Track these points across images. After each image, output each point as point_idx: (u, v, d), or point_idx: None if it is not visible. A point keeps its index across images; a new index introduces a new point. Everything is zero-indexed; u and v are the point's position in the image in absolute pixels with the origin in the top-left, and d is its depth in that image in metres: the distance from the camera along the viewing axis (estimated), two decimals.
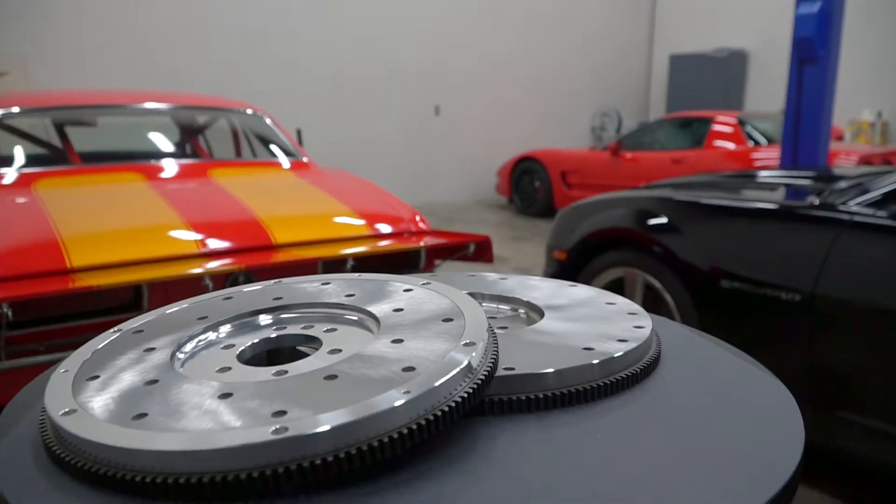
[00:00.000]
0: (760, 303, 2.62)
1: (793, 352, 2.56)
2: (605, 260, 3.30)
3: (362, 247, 2.75)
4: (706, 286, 2.82)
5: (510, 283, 0.93)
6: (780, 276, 2.57)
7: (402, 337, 0.62)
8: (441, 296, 0.71)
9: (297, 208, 3.01)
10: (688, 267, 2.89)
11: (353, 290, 0.75)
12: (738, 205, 2.97)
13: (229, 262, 2.45)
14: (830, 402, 2.46)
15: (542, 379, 0.63)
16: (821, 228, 2.55)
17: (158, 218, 2.69)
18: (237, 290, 0.79)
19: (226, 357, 0.65)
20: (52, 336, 2.31)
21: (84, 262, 2.34)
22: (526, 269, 6.08)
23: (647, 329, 0.74)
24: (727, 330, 2.78)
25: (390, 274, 0.95)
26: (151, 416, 0.52)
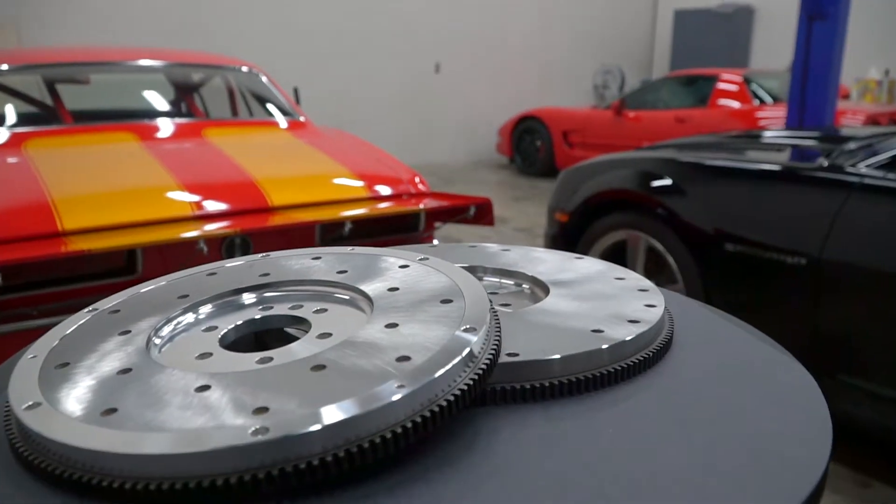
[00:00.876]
0: (765, 266, 2.57)
1: (796, 316, 2.52)
2: (607, 222, 3.25)
3: (361, 209, 2.70)
4: (710, 249, 2.77)
5: (513, 255, 0.88)
6: (785, 239, 2.52)
7: (397, 321, 0.57)
8: (439, 273, 0.66)
9: (294, 170, 2.94)
10: (692, 230, 2.84)
11: (345, 265, 0.71)
12: (744, 166, 2.91)
13: (225, 226, 2.40)
14: (833, 367, 2.43)
15: (548, 366, 0.58)
16: (829, 191, 2.49)
17: (152, 179, 2.62)
18: (221, 265, 0.74)
19: (207, 341, 0.60)
20: (45, 300, 2.27)
21: (76, 224, 2.29)
22: (526, 229, 6.03)
23: (659, 308, 0.69)
24: (731, 294, 2.74)
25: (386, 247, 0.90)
26: (122, 411, 0.48)
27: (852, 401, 2.38)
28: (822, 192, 2.51)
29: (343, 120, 7.67)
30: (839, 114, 6.07)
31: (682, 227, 2.88)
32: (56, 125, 3.23)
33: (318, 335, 0.59)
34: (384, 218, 2.81)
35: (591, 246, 3.29)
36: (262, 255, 0.76)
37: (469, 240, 5.52)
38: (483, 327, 0.55)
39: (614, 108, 8.14)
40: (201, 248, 2.25)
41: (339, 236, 2.67)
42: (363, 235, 2.78)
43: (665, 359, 0.65)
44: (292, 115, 3.71)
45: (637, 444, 0.51)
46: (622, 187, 3.21)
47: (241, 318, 0.64)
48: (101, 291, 2.35)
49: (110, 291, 2.11)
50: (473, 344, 0.53)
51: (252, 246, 2.51)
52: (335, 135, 3.63)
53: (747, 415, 0.56)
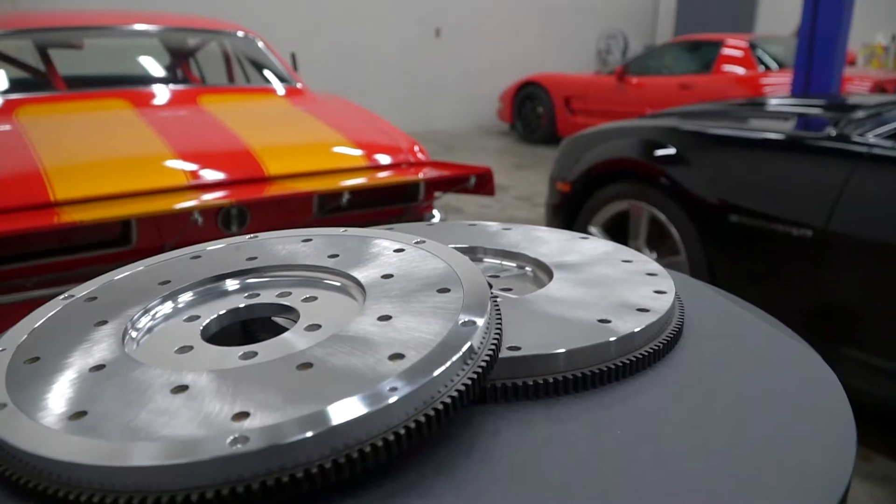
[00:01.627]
0: (770, 238, 2.53)
1: (801, 288, 2.49)
2: (609, 192, 3.20)
3: (359, 179, 2.65)
4: (714, 220, 2.73)
5: (515, 234, 0.84)
6: (791, 211, 2.47)
7: (390, 312, 0.53)
8: (436, 258, 0.62)
9: (291, 138, 2.89)
10: (695, 200, 2.79)
11: (336, 249, 0.66)
12: (749, 135, 2.85)
13: (221, 196, 2.36)
14: (836, 340, 2.40)
15: (552, 360, 0.54)
16: (836, 161, 2.44)
17: (146, 148, 2.57)
18: (206, 247, 0.70)
19: (188, 332, 0.56)
20: (39, 272, 2.23)
21: (69, 195, 2.24)
22: (527, 197, 5.97)
23: (669, 295, 0.65)
24: (734, 265, 2.71)
25: (382, 226, 0.85)
26: (92, 414, 0.44)
27: (854, 374, 2.36)
28: (829, 162, 2.46)
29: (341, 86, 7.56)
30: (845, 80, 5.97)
31: (686, 198, 2.83)
32: (48, 92, 3.17)
33: (307, 327, 0.55)
34: (383, 188, 2.76)
35: (593, 216, 3.25)
36: (250, 237, 0.72)
37: (469, 208, 5.47)
38: (482, 320, 0.51)
39: (617, 74, 8.02)
40: (196, 220, 2.21)
41: (336, 207, 2.62)
42: (361, 206, 2.73)
43: (675, 350, 0.62)
44: (289, 82, 3.64)
45: (648, 447, 0.48)
46: (625, 156, 3.15)
47: (225, 307, 0.60)
48: (96, 263, 2.32)
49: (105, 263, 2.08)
50: (472, 340, 0.49)
51: (249, 217, 2.47)
52: (333, 102, 3.56)
53: (765, 414, 0.52)
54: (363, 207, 2.74)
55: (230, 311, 0.60)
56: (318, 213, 2.63)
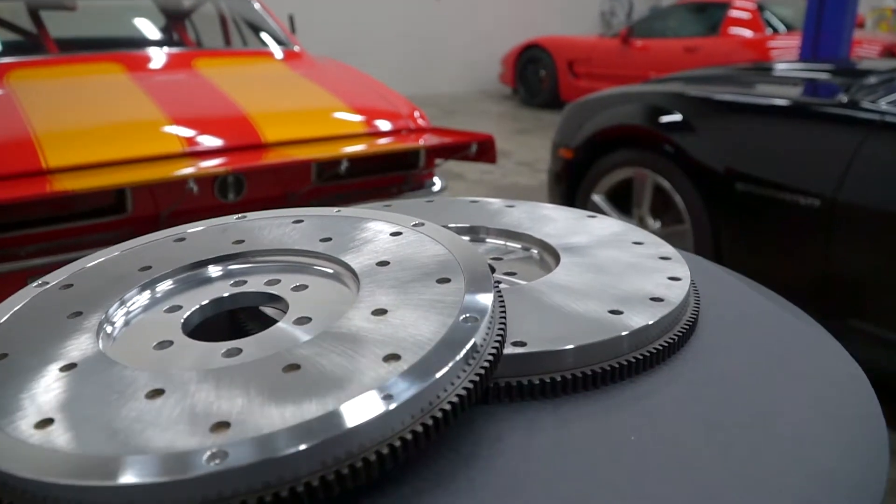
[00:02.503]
0: (777, 207, 2.48)
1: (808, 258, 2.45)
2: (613, 159, 3.14)
3: (358, 146, 2.59)
4: (720, 188, 2.68)
5: (519, 212, 0.79)
6: (799, 179, 2.42)
7: (386, 305, 0.49)
8: (436, 243, 0.58)
9: (289, 104, 2.82)
10: (700, 168, 2.74)
11: (329, 232, 0.62)
12: (757, 101, 2.79)
13: (217, 164, 2.30)
14: (842, 311, 2.37)
15: (560, 357, 0.51)
16: (847, 129, 2.38)
17: (140, 114, 2.51)
18: (190, 228, 0.66)
19: (168, 325, 0.52)
20: (31, 241, 2.19)
21: (61, 162, 2.19)
22: (529, 163, 5.91)
23: (684, 282, 0.61)
24: (740, 235, 2.66)
25: (380, 203, 0.81)
26: (59, 423, 0.40)
27: (861, 346, 2.33)
28: (840, 129, 2.40)
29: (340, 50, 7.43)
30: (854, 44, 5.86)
31: (691, 165, 2.78)
32: (40, 55, 3.09)
33: (296, 320, 0.51)
34: (383, 155, 2.71)
35: (596, 184, 3.19)
36: (238, 217, 0.68)
37: (470, 174, 5.41)
38: (485, 315, 0.47)
39: (621, 36, 7.88)
40: (191, 188, 2.16)
41: (335, 175, 2.57)
42: (360, 173, 2.68)
43: (690, 342, 0.58)
44: (287, 45, 3.56)
45: (664, 454, 0.44)
46: (629, 123, 3.09)
47: (208, 297, 0.56)
48: (90, 232, 2.28)
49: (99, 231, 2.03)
50: (474, 338, 0.45)
51: (245, 185, 2.42)
52: (332, 66, 3.48)
53: (790, 415, 0.48)
54: (362, 175, 2.68)
55: (213, 302, 0.55)
56: (316, 181, 2.58)
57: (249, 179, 2.43)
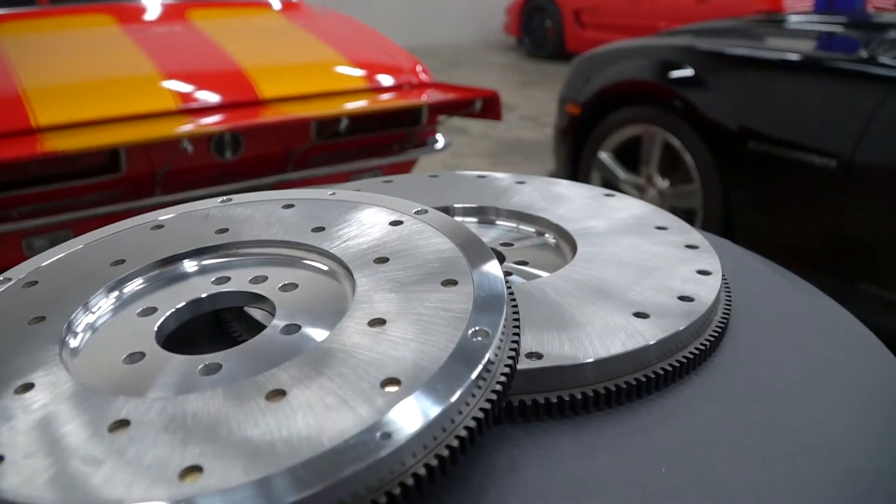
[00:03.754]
0: (791, 167, 2.40)
1: (821, 221, 2.38)
2: (621, 116, 3.05)
3: (359, 102, 2.51)
4: (731, 147, 2.59)
5: (530, 190, 0.73)
6: (815, 138, 2.34)
7: (384, 314, 0.43)
8: (440, 235, 0.52)
9: (287, 58, 2.72)
10: (712, 125, 2.65)
11: (322, 219, 0.56)
12: (772, 56, 2.68)
13: (212, 122, 2.23)
14: (853, 274, 2.31)
15: (580, 371, 0.45)
16: (866, 86, 2.29)
17: (133, 69, 2.42)
18: (167, 214, 0.60)
19: (141, 331, 0.47)
20: (22, 202, 2.13)
21: (51, 120, 2.11)
22: (533, 117, 5.79)
23: (715, 276, 0.55)
24: (751, 195, 2.59)
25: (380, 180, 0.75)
26: (9, 461, 0.35)
27: (871, 310, 2.28)
28: (859, 86, 2.31)
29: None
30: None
31: (702, 123, 2.69)
32: (28, 7, 2.98)
33: (283, 328, 0.46)
34: (384, 112, 2.62)
35: (604, 140, 3.11)
36: (223, 200, 0.61)
37: (474, 128, 5.30)
38: (497, 329, 0.41)
39: None
40: (185, 148, 2.08)
41: (335, 132, 2.49)
42: (361, 130, 2.60)
43: (722, 346, 0.52)
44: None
45: (700, 492, 0.39)
46: (638, 78, 2.99)
47: (186, 297, 0.50)
48: (83, 193, 2.21)
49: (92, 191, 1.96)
50: (486, 356, 0.39)
51: (242, 143, 2.34)
52: (332, 17, 3.36)
53: (841, 443, 0.43)
54: (363, 132, 2.60)
55: (190, 304, 0.50)
56: (315, 139, 2.50)
57: (247, 137, 2.35)
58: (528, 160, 4.68)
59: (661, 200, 2.91)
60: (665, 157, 2.89)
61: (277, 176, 2.46)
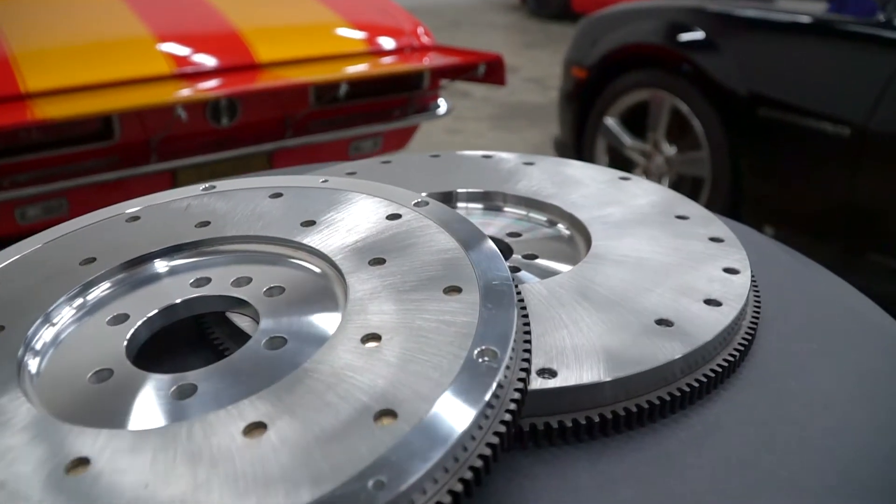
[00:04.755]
0: (802, 135, 2.34)
1: (831, 190, 2.32)
2: (629, 80, 2.97)
3: (358, 66, 2.43)
4: (741, 113, 2.52)
5: (539, 173, 0.68)
6: (828, 105, 2.27)
7: (379, 329, 0.39)
8: (441, 232, 0.47)
9: (284, 19, 2.64)
10: (722, 91, 2.58)
11: (312, 212, 0.51)
12: (785, 19, 2.59)
13: (207, 88, 2.16)
14: (863, 244, 2.26)
15: (598, 391, 0.40)
16: (883, 51, 2.21)
17: (125, 32, 2.34)
18: (144, 204, 0.54)
19: (110, 344, 0.42)
20: (14, 170, 2.07)
21: (41, 85, 2.04)
22: (538, 79, 5.68)
23: (744, 275, 0.50)
24: (761, 163, 2.53)
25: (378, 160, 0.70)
26: None
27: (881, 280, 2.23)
28: (876, 51, 2.23)
29: None
30: None
31: (711, 88, 2.61)
32: None
33: (267, 342, 0.41)
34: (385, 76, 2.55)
35: (610, 105, 3.03)
36: (205, 188, 0.56)
37: (476, 91, 5.20)
38: (507, 348, 0.37)
39: None
40: (179, 116, 2.02)
41: (334, 97, 2.42)
42: (361, 95, 2.53)
43: (752, 353, 0.48)
44: None
45: None
46: (646, 41, 2.90)
47: (162, 301, 0.45)
48: (75, 160, 2.16)
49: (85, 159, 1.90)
50: (494, 384, 0.35)
51: (239, 109, 2.27)
52: None
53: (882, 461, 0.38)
54: (363, 97, 2.53)
55: (164, 311, 0.45)
56: (315, 104, 2.44)
57: (243, 103, 2.28)
58: (531, 124, 4.59)
59: (668, 167, 2.85)
60: (673, 123, 2.82)
61: (275, 143, 2.40)
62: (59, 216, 2.22)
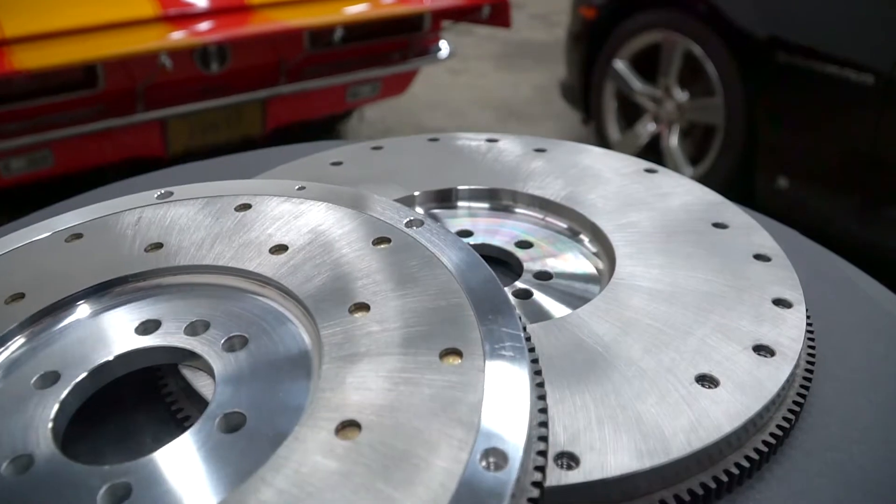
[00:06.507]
0: (823, 82, 2.22)
1: (851, 140, 2.22)
2: (640, 20, 2.82)
3: (356, 8, 2.30)
4: (759, 58, 2.39)
5: (552, 163, 0.59)
6: (852, 52, 2.14)
7: (359, 414, 0.31)
8: (438, 265, 0.39)
9: None
10: (738, 33, 2.44)
11: (284, 233, 0.43)
12: None
13: (193, 33, 2.03)
14: (881, 199, 2.17)
15: (629, 483, 0.33)
16: None
17: None
18: (89, 219, 0.46)
19: (33, 419, 0.34)
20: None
21: (19, 30, 1.92)
22: (543, 15, 5.47)
23: (797, 309, 0.42)
24: (778, 111, 2.41)
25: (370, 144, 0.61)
26: None
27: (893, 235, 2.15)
28: None
29: None
30: None
31: (728, 30, 2.48)
32: None
33: (221, 421, 0.33)
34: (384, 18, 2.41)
35: (620, 48, 2.89)
36: (159, 196, 0.47)
37: (480, 31, 5.00)
38: (520, 445, 0.29)
39: None
40: (164, 64, 1.91)
41: (330, 41, 2.30)
42: (359, 38, 2.40)
43: (807, 408, 0.40)
44: None
45: None
46: None
47: (99, 356, 0.37)
48: (59, 110, 2.05)
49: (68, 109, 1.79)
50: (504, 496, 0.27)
51: (229, 55, 2.15)
52: None
53: None
54: (361, 40, 2.40)
55: (96, 372, 0.37)
56: (310, 49, 2.31)
57: (234, 48, 2.16)
58: (537, 64, 4.44)
59: (680, 114, 2.73)
60: (686, 67, 2.69)
61: (269, 89, 2.28)
62: (44, 168, 2.13)
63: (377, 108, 3.37)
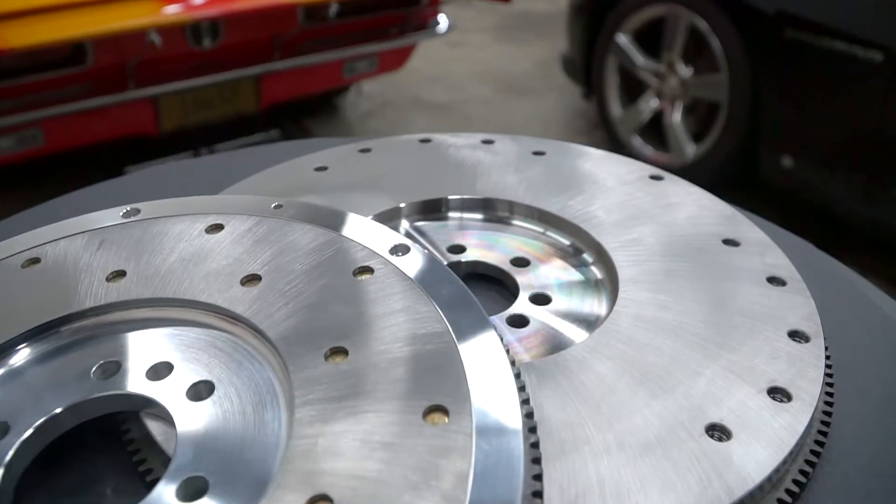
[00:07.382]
0: (831, 59, 2.16)
1: (858, 119, 2.17)
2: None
3: None
4: (765, 33, 2.34)
5: (551, 168, 0.55)
6: (861, 28, 2.09)
7: (332, 489, 0.27)
8: (425, 302, 0.35)
9: None
10: (745, 8, 2.38)
11: (258, 259, 0.39)
12: None
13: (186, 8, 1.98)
14: (887, 177, 2.13)
15: None
16: None
17: None
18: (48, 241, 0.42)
19: None
20: None
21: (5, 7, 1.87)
22: None
23: (815, 343, 0.39)
24: (784, 88, 2.36)
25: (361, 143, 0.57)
26: None
27: None
28: None
29: None
30: None
31: (733, 4, 2.42)
32: None
33: (181, 487, 0.30)
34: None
35: (623, 21, 2.82)
36: (126, 212, 0.44)
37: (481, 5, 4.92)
38: None
39: None
40: (153, 41, 1.85)
41: (325, 16, 2.24)
42: (354, 12, 2.34)
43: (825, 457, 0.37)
44: None
45: None
46: None
47: (48, 409, 0.34)
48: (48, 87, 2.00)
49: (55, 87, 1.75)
50: None
51: (222, 31, 2.10)
52: None
53: None
54: (356, 14, 2.34)
55: (46, 425, 0.33)
56: (304, 23, 2.25)
57: (227, 23, 2.11)
58: (538, 36, 4.36)
59: (683, 90, 2.67)
60: (690, 41, 2.63)
61: (263, 65, 2.23)
62: (34, 147, 2.09)
63: (375, 82, 3.31)
